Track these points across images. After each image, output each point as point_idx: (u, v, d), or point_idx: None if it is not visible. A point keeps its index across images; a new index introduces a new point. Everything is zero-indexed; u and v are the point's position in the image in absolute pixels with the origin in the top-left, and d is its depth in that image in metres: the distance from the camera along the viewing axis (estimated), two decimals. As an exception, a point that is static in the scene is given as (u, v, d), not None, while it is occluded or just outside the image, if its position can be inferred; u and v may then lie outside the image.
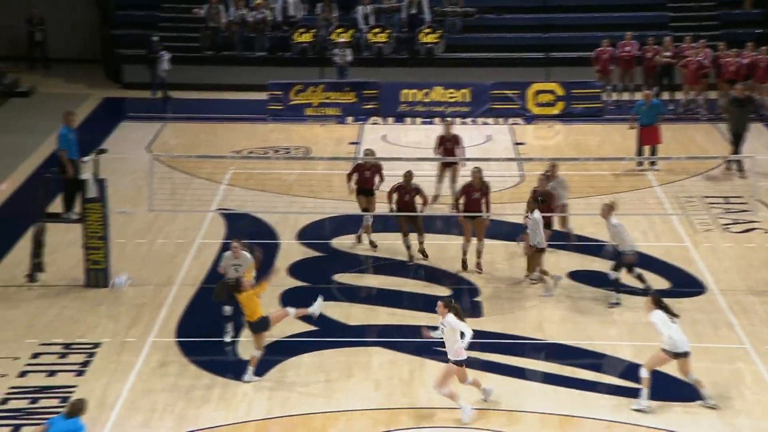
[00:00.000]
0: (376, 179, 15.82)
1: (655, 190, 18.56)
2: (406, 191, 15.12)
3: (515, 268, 15.20)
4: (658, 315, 11.43)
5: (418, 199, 15.22)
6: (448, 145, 17.51)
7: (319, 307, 12.21)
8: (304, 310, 12.22)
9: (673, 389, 11.86)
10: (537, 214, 14.05)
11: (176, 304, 14.01)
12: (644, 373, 11.42)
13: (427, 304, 14.03)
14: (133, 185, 18.38)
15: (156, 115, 23.28)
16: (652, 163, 19.40)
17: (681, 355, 11.37)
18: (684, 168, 19.45)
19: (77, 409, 9.66)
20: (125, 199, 17.51)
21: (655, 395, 11.71)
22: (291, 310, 12.12)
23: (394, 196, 15.10)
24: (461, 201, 14.92)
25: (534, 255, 14.18)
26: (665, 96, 23.53)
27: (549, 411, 11.47)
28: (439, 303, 11.25)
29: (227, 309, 12.88)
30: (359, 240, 15.87)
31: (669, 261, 15.55)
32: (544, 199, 14.52)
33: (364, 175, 15.87)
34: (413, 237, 15.16)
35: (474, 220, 14.87)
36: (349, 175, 15.90)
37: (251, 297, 11.76)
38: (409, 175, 15.11)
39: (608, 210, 13.93)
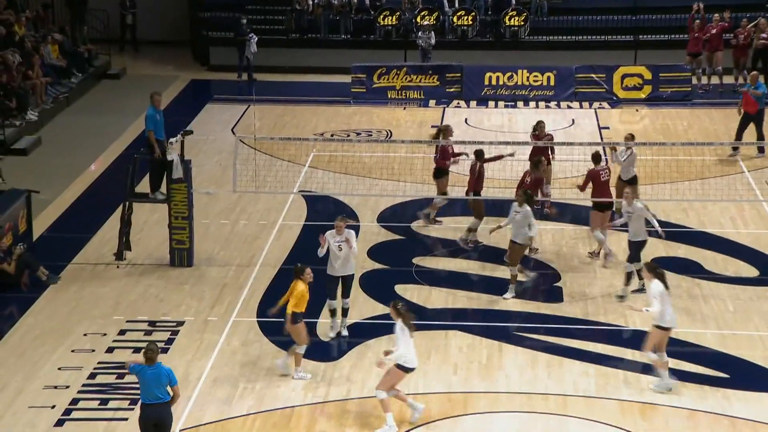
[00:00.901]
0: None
1: (745, 175, 18.07)
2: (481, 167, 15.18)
3: (595, 255, 14.97)
4: (659, 287, 11.12)
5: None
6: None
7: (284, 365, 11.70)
8: (300, 361, 11.67)
9: (761, 379, 11.58)
10: (527, 208, 13.40)
11: (257, 284, 14.21)
12: (652, 356, 11.20)
13: (505, 289, 13.96)
14: (218, 166, 18.67)
15: (241, 97, 23.59)
16: (761, 150, 18.78)
17: (668, 330, 11.16)
18: (776, 153, 18.89)
19: (155, 352, 9.86)
20: (209, 180, 17.80)
21: (741, 384, 11.45)
22: (300, 349, 11.65)
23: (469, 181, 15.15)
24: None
25: (515, 249, 13.47)
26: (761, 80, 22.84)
27: (629, 398, 11.31)
28: (390, 306, 10.77)
29: (332, 303, 12.70)
30: (428, 220, 15.84)
31: (758, 248, 15.14)
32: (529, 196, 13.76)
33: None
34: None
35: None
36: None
37: (304, 291, 11.56)
38: (479, 153, 15.12)
39: (633, 196, 13.51)
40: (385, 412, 10.63)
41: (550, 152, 16.46)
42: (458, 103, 23.23)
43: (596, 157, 14.83)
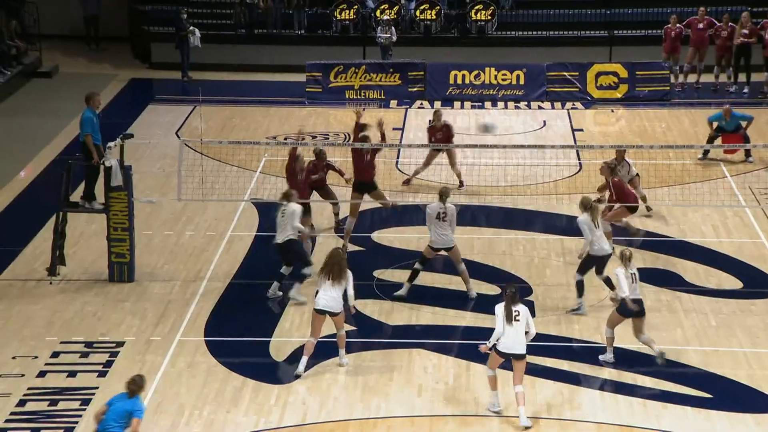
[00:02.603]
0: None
1: (728, 180, 18.31)
2: (437, 129, 17.54)
3: (570, 265, 15.11)
4: (498, 310, 11.26)
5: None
6: (439, 135, 17.70)
7: None
8: None
9: (745, 398, 11.73)
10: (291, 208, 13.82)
11: (205, 300, 14.12)
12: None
13: (474, 303, 14.01)
14: (161, 173, 18.55)
15: (186, 98, 23.47)
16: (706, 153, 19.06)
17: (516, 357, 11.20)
18: (760, 157, 19.16)
19: (139, 386, 10.02)
20: (152, 188, 17.68)
21: (724, 405, 11.58)
22: None
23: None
24: None
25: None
26: (741, 77, 23.19)
27: (607, 421, 11.39)
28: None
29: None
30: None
31: (741, 259, 15.35)
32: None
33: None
34: None
35: None
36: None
37: None
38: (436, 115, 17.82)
39: (581, 206, 13.58)
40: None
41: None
42: (421, 104, 23.30)
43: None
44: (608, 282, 13.64)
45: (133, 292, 14.35)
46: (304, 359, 12.14)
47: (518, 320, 11.18)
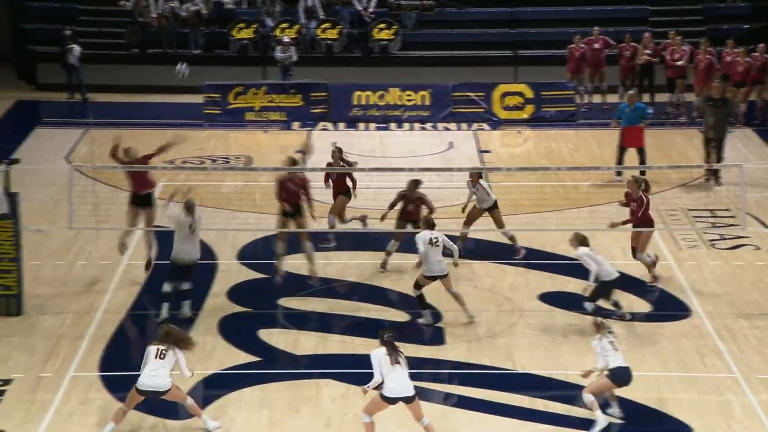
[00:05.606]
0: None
1: (635, 202, 18.73)
2: (410, 200, 15.72)
3: (480, 290, 15.30)
4: (378, 355, 11.31)
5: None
6: (411, 207, 17.07)
7: None
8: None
9: (657, 425, 12.00)
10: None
11: (99, 333, 13.90)
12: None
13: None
14: (50, 200, 18.22)
15: (76, 121, 23.11)
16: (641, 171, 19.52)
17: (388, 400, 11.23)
18: (666, 178, 19.70)
19: None
20: (41, 216, 17.34)
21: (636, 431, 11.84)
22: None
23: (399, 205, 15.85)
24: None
25: None
26: (645, 98, 23.86)
27: (520, 449, 11.55)
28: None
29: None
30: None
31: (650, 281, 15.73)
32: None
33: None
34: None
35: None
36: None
37: None
38: (414, 184, 15.77)
39: (573, 241, 14.00)
40: None
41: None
42: (325, 125, 23.37)
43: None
44: (617, 305, 14.14)
45: (20, 327, 14.03)
46: (111, 425, 11.48)
47: (399, 362, 11.06)
